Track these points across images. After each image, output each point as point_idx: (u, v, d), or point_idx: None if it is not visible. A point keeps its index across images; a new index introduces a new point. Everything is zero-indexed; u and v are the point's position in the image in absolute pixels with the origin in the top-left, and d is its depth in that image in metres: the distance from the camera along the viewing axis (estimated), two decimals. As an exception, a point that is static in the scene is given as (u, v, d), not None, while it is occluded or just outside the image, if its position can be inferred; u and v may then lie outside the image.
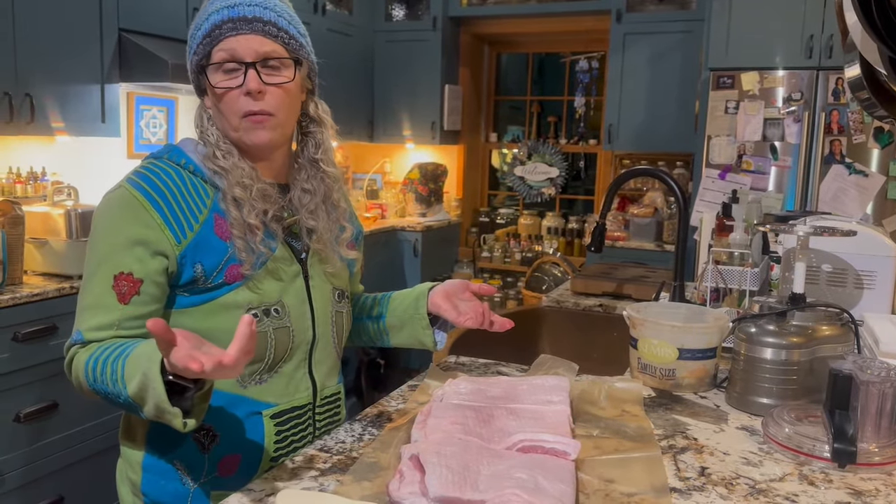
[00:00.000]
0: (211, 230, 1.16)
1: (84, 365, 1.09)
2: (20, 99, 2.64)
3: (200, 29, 1.19)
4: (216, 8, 1.18)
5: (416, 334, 1.39)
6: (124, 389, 1.02)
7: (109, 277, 1.12)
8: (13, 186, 2.91)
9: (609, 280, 2.40)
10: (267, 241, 1.19)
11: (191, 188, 1.17)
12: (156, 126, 3.64)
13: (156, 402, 0.98)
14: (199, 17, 1.20)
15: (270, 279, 1.19)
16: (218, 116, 1.21)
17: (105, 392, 1.07)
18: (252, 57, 1.16)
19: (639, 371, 1.47)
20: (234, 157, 1.19)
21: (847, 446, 1.09)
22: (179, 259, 1.14)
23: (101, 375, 1.06)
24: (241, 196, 1.17)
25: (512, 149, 5.42)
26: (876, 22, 1.39)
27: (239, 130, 1.19)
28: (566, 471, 0.99)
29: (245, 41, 1.16)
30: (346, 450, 1.14)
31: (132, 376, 1.01)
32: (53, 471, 2.51)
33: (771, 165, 3.72)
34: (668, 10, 4.40)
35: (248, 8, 1.17)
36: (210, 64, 1.17)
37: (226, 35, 1.16)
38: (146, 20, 3.15)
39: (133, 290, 1.12)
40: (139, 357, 1.02)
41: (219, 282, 1.15)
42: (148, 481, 1.20)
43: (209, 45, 1.17)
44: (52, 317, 2.47)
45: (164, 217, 1.13)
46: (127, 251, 1.12)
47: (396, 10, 5.08)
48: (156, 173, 1.17)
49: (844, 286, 1.67)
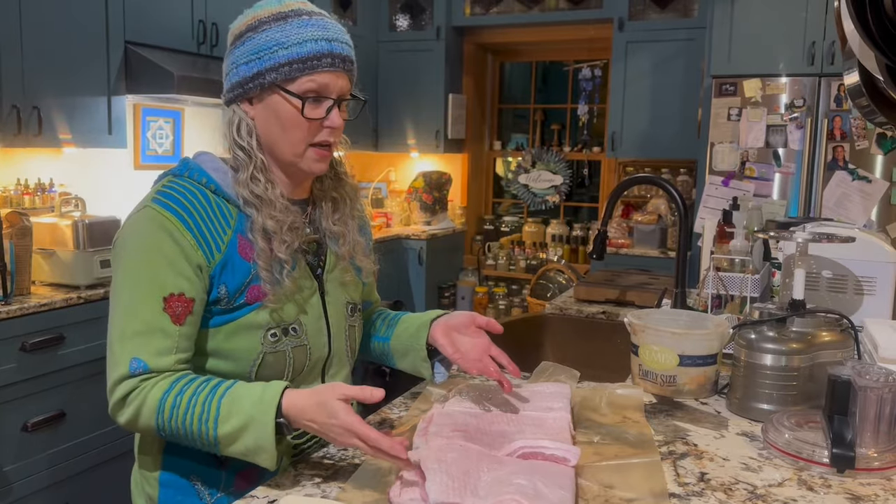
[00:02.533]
0: (235, 251, 1.16)
1: (158, 402, 1.07)
2: (28, 111, 2.67)
3: (289, 49, 1.14)
4: (313, 36, 1.15)
5: (416, 365, 1.38)
6: (215, 429, 1.05)
7: (159, 300, 1.09)
8: (21, 198, 2.94)
9: (612, 287, 2.40)
10: (291, 273, 1.19)
11: (215, 208, 1.16)
12: (162, 137, 3.67)
13: (257, 443, 1.04)
14: (281, 32, 1.14)
15: (290, 298, 1.19)
16: (274, 135, 1.18)
17: (178, 429, 1.07)
18: (338, 95, 1.18)
19: (640, 377, 1.48)
20: (276, 188, 1.18)
21: (846, 451, 1.09)
22: (210, 278, 1.13)
23: (186, 413, 1.06)
24: (273, 229, 1.16)
25: (516, 157, 5.43)
26: (872, 30, 1.40)
27: (303, 157, 1.19)
28: (566, 477, 1.00)
29: (337, 79, 1.17)
30: (349, 457, 1.15)
31: (230, 417, 1.05)
32: (61, 480, 2.53)
33: (774, 172, 3.73)
34: (670, 18, 4.42)
35: (341, 45, 1.18)
36: (290, 90, 1.15)
37: (324, 68, 1.15)
38: (152, 33, 3.18)
39: (187, 309, 1.11)
40: (241, 399, 1.06)
41: (240, 302, 1.15)
42: (165, 496, 1.20)
43: (299, 70, 1.14)
44: (59, 327, 2.49)
45: (195, 237, 1.12)
46: (171, 271, 1.10)
47: (400, 21, 5.12)
48: (181, 192, 1.15)
49: (844, 292, 1.67)
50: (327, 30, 1.17)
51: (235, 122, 1.19)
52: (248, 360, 1.16)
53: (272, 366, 1.18)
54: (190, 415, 1.06)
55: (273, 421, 1.03)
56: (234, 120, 1.19)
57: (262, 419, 1.03)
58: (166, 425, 1.08)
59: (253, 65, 1.15)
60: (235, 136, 1.18)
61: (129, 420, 1.10)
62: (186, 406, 1.06)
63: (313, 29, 1.15)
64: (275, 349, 1.18)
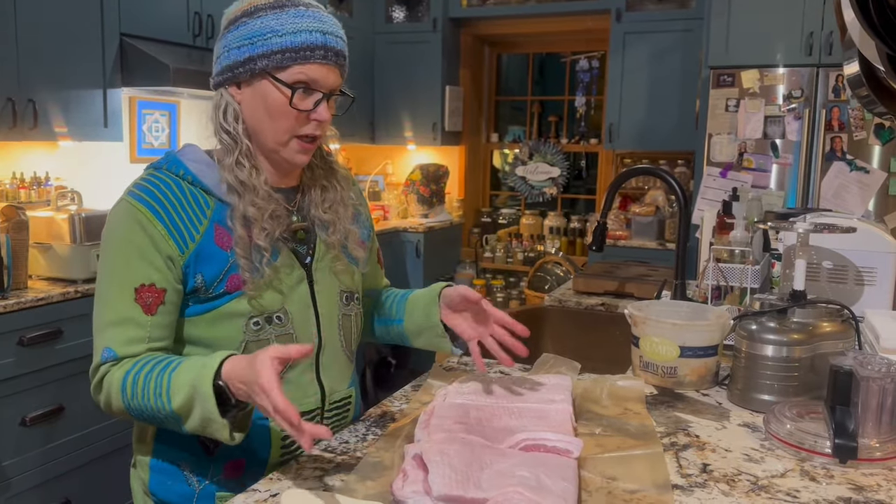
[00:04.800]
0: (211, 240, 1.16)
1: (121, 382, 1.10)
2: (23, 105, 2.66)
3: (283, 37, 1.13)
4: (308, 27, 1.14)
5: (434, 342, 1.40)
6: (169, 403, 1.05)
7: (130, 291, 1.12)
8: (17, 192, 2.92)
9: (611, 279, 2.40)
10: (272, 262, 1.18)
11: (190, 199, 1.17)
12: (158, 130, 3.65)
13: (204, 414, 1.03)
14: (276, 20, 1.14)
15: (272, 287, 1.19)
16: (260, 122, 1.18)
17: (142, 408, 1.08)
18: (328, 89, 1.18)
19: (641, 369, 1.48)
20: (260, 175, 1.18)
21: (848, 442, 1.09)
22: (184, 269, 1.14)
23: (143, 390, 1.07)
24: (254, 216, 1.16)
25: (513, 149, 5.42)
26: (873, 19, 1.40)
27: (285, 147, 1.19)
28: (568, 469, 0.99)
29: (328, 73, 1.17)
30: (350, 450, 1.14)
31: (178, 389, 1.05)
32: (60, 474, 2.52)
33: (772, 163, 3.73)
34: (667, 9, 4.41)
35: (336, 40, 1.17)
36: (280, 78, 1.14)
37: (316, 60, 1.15)
38: (148, 25, 3.16)
39: (158, 299, 1.13)
40: (187, 371, 1.05)
41: (220, 291, 1.16)
42: (155, 481, 1.22)
43: (292, 59, 1.14)
44: (56, 321, 2.48)
45: (167, 227, 1.13)
46: (142, 262, 1.12)
47: (397, 12, 5.09)
48: (155, 185, 1.16)
49: (845, 283, 1.67)
50: (323, 22, 1.16)
51: (222, 105, 1.19)
52: (231, 348, 1.16)
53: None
54: (147, 391, 1.07)
55: (211, 388, 1.02)
56: (221, 104, 1.19)
57: (202, 388, 1.03)
58: (132, 404, 1.09)
59: (245, 49, 1.15)
60: (221, 119, 1.19)
61: (104, 404, 1.14)
62: (144, 383, 1.08)
63: (309, 20, 1.15)
64: (258, 338, 1.17)
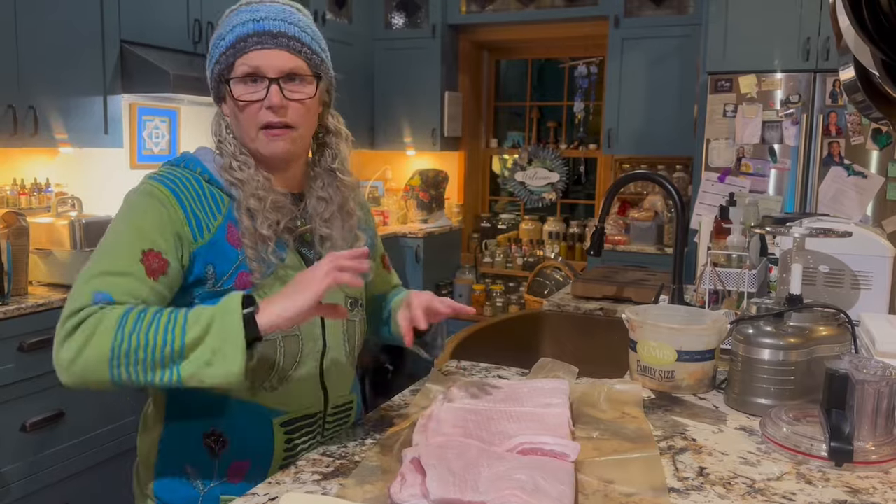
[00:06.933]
0: (224, 236, 1.18)
1: (119, 317, 1.03)
2: (24, 111, 2.67)
3: (224, 39, 1.19)
4: (241, 20, 1.18)
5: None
6: (182, 336, 1.02)
7: (138, 251, 1.10)
8: (17, 198, 2.93)
9: (609, 283, 2.41)
10: (278, 252, 1.20)
11: (207, 194, 1.19)
12: (158, 136, 3.66)
13: (224, 335, 1.02)
14: (222, 27, 1.20)
15: (280, 287, 1.19)
16: (237, 126, 1.22)
17: (142, 340, 1.01)
18: (275, 73, 1.18)
19: (638, 373, 1.49)
20: (250, 168, 1.21)
21: (844, 445, 1.10)
22: (193, 255, 1.15)
23: (151, 324, 1.02)
24: (256, 207, 1.18)
25: (512, 154, 5.44)
26: (867, 25, 1.41)
27: (256, 141, 1.21)
28: (565, 472, 1.00)
29: (269, 56, 1.17)
30: (349, 454, 1.15)
31: (196, 321, 1.03)
32: (59, 480, 2.52)
33: (770, 168, 3.74)
34: (665, 15, 4.42)
35: (273, 23, 1.18)
36: (232, 77, 1.18)
37: (251, 48, 1.17)
38: (148, 32, 3.17)
39: (162, 268, 1.11)
40: (207, 307, 1.06)
41: (228, 287, 1.16)
42: (160, 484, 1.22)
43: (232, 56, 1.18)
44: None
45: (186, 213, 1.15)
46: (156, 231, 1.12)
47: (396, 19, 5.11)
48: (176, 176, 1.19)
49: (841, 287, 1.68)
50: (258, 11, 1.19)
51: (217, 121, 1.26)
52: None
53: (261, 353, 1.16)
54: (156, 325, 1.02)
55: (240, 304, 1.03)
56: (217, 120, 1.26)
57: (230, 304, 1.04)
58: (125, 340, 1.01)
59: (210, 66, 1.23)
60: (215, 133, 1.26)
61: (74, 350, 1.02)
62: (153, 316, 1.04)
63: (245, 14, 1.19)
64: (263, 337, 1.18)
